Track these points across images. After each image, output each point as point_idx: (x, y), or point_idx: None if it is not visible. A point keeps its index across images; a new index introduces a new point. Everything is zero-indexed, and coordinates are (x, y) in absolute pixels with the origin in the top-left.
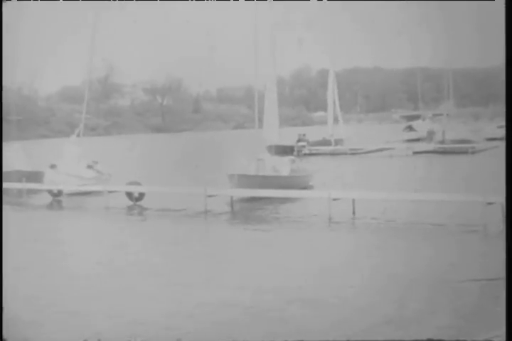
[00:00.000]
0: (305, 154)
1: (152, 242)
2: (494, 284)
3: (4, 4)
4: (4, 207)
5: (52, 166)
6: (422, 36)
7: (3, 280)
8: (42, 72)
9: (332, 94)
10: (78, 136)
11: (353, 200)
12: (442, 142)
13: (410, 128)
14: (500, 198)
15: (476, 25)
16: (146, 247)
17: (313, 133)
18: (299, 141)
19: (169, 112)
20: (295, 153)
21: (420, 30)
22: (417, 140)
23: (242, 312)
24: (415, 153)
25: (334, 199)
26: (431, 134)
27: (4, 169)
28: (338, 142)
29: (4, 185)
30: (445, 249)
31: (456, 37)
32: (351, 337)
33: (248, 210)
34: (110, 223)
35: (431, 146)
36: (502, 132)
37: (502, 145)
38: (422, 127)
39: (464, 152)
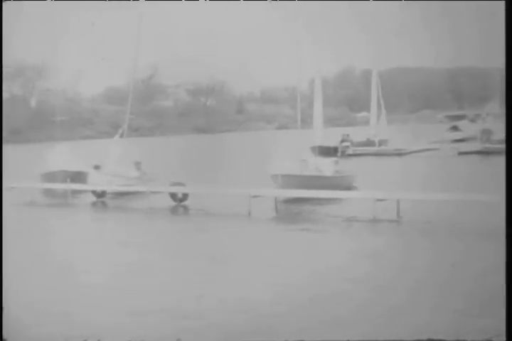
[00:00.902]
0: (349, 155)
1: (196, 242)
2: None
3: (4, 4)
4: (49, 207)
5: (96, 167)
6: (467, 35)
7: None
8: (86, 73)
9: (376, 95)
10: (121, 136)
11: (398, 201)
12: (488, 142)
13: (455, 128)
14: None
15: None
16: (189, 247)
17: (357, 133)
18: (342, 141)
19: (212, 113)
20: (339, 153)
21: (465, 30)
22: (462, 140)
23: (286, 309)
24: (460, 153)
25: (378, 200)
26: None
27: (50, 169)
28: (382, 142)
29: (49, 185)
30: (494, 251)
31: (499, 35)
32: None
33: (292, 210)
34: (154, 223)
35: (476, 147)
36: None
37: None
38: (467, 127)
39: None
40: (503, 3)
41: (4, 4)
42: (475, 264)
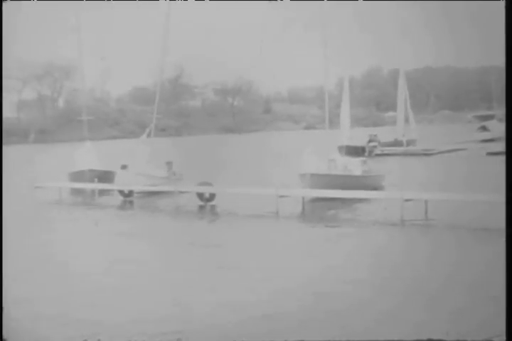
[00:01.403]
0: (376, 155)
1: (222, 241)
2: None
3: (5, 4)
4: (76, 206)
5: (123, 167)
6: (494, 34)
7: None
8: (112, 73)
9: (403, 94)
10: (149, 136)
11: (426, 201)
12: None
13: (484, 128)
14: None
15: None
16: (216, 246)
17: (385, 133)
18: (370, 141)
19: (240, 113)
20: (366, 153)
21: (492, 28)
22: (491, 140)
23: (318, 302)
24: (489, 153)
25: (407, 200)
26: None
27: (77, 168)
28: (409, 143)
29: (77, 184)
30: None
31: None
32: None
33: (319, 210)
34: (181, 223)
35: (505, 147)
36: None
37: None
38: (496, 127)
39: None
40: (503, 3)
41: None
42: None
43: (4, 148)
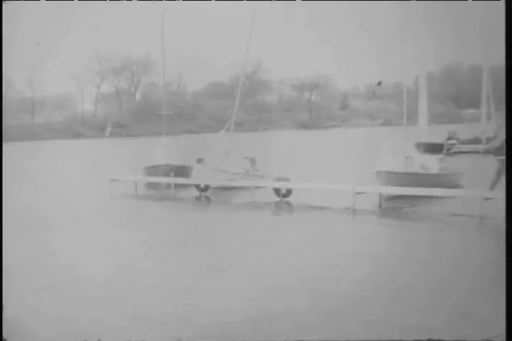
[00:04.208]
0: (455, 152)
1: (297, 238)
2: None
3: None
4: (151, 200)
5: (199, 160)
6: None
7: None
8: (189, 67)
9: (486, 91)
10: (228, 130)
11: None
12: None
13: None
14: None
15: None
16: (290, 243)
17: (464, 130)
18: (449, 138)
19: (316, 108)
20: (444, 151)
21: None
22: None
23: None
24: None
25: (487, 199)
26: None
27: (154, 163)
28: (489, 140)
29: (154, 179)
30: None
31: None
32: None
33: (396, 208)
34: (256, 219)
35: None
36: None
37: None
38: None
39: None
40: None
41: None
42: None
43: (82, 141)
